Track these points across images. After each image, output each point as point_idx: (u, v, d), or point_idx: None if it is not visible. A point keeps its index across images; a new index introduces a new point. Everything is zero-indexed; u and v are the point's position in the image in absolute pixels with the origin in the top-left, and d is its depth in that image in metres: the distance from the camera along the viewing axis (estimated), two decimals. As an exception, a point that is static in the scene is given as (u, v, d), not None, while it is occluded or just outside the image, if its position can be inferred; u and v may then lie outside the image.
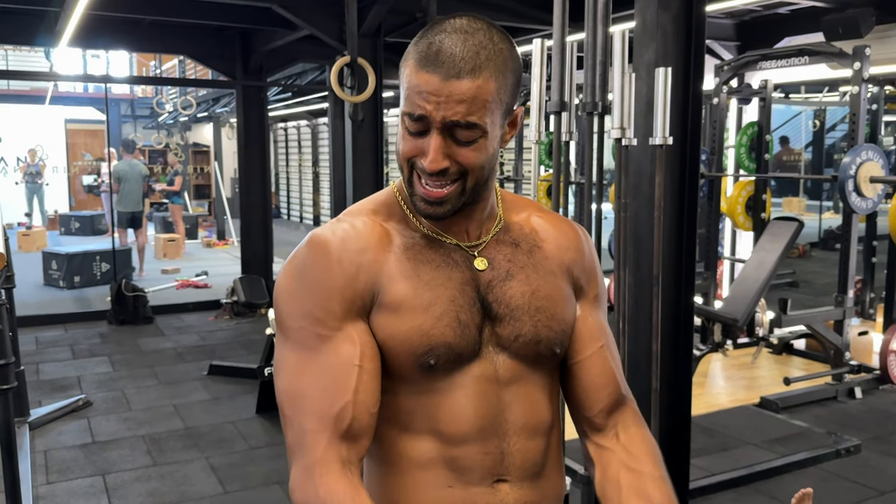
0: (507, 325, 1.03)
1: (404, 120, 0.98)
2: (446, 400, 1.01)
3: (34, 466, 3.69)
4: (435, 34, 0.96)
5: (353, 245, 1.01)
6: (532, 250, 1.08)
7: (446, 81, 0.93)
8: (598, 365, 1.10)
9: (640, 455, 1.08)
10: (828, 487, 3.49)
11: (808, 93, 10.43)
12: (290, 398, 0.99)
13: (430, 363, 0.99)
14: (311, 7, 5.07)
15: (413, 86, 0.96)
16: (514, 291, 1.04)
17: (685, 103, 2.79)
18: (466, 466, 1.02)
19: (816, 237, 10.95)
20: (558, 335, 1.06)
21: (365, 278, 1.00)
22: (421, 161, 0.97)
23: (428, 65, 0.94)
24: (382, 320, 1.00)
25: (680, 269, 2.87)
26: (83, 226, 13.40)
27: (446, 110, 0.94)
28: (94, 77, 11.25)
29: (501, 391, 1.03)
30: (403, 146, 0.99)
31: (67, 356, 5.75)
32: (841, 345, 4.76)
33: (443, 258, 1.03)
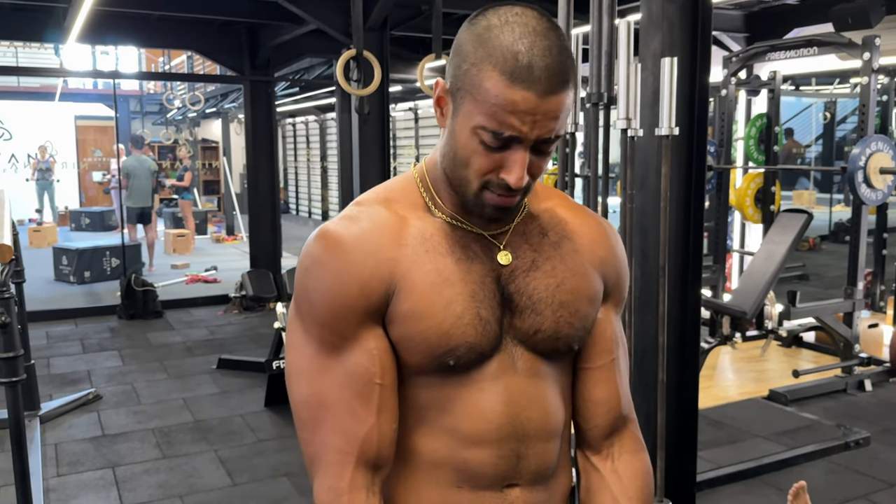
0: (528, 318, 0.99)
1: (480, 134, 0.91)
2: (463, 394, 0.98)
3: (45, 459, 3.72)
4: (515, 39, 0.88)
5: (367, 245, 0.96)
6: (560, 241, 1.04)
7: (542, 99, 0.88)
8: (605, 380, 1.08)
9: (629, 492, 1.07)
10: (837, 480, 3.48)
11: (819, 85, 10.37)
12: (310, 409, 0.98)
13: (450, 363, 0.96)
14: (317, 1, 5.07)
15: (502, 104, 0.88)
16: (538, 283, 1.00)
17: (692, 94, 2.77)
18: (478, 471, 0.99)
19: (827, 230, 10.90)
20: (578, 332, 1.03)
21: (379, 281, 0.95)
22: (501, 176, 0.92)
23: (520, 82, 0.87)
24: (399, 320, 0.96)
25: (687, 261, 2.85)
26: (93, 222, 13.47)
27: (541, 129, 0.90)
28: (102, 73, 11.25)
29: (519, 387, 1.00)
30: (478, 162, 0.93)
31: (78, 350, 5.78)
32: (851, 337, 4.73)
33: (462, 250, 0.98)
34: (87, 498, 3.34)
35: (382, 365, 0.96)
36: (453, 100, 0.94)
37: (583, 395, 1.09)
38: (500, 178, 0.93)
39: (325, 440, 0.96)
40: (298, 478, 3.50)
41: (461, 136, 0.93)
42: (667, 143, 2.48)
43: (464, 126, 0.93)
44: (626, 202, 2.53)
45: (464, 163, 0.94)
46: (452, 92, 0.94)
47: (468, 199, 0.97)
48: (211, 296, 7.55)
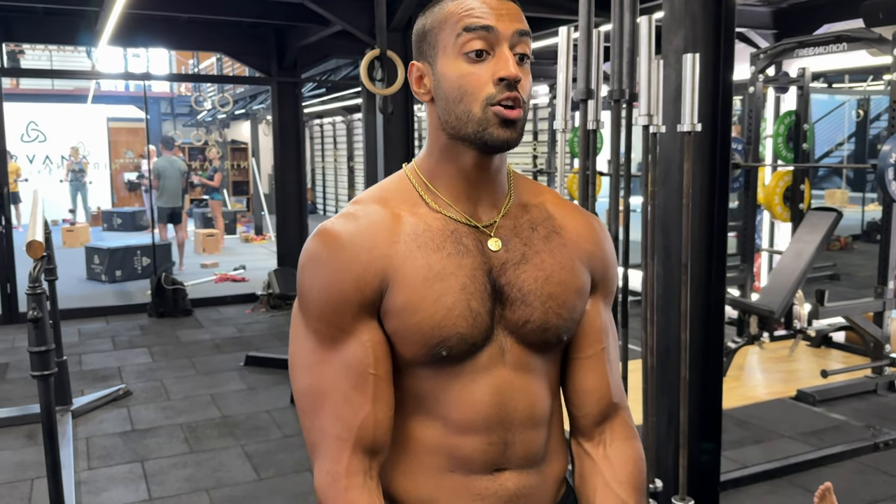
0: (518, 310, 1.03)
1: (462, 48, 0.98)
2: (455, 385, 1.02)
3: (76, 453, 3.80)
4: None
5: (362, 242, 1.00)
6: (550, 236, 1.08)
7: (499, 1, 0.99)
8: (595, 369, 1.12)
9: (620, 477, 1.11)
10: (865, 481, 3.44)
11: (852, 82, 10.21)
12: (310, 398, 1.02)
13: (443, 354, 0.99)
14: (342, 2, 5.11)
15: (466, 12, 0.98)
16: (528, 276, 1.04)
17: (715, 90, 2.76)
18: (468, 456, 1.03)
19: (859, 229, 10.74)
20: (567, 323, 1.06)
21: (373, 276, 0.99)
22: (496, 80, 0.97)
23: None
24: (392, 313, 1.00)
25: (710, 258, 2.84)
26: (125, 222, 13.69)
27: (510, 22, 0.99)
28: (134, 75, 11.44)
29: (509, 378, 1.03)
30: (473, 80, 0.98)
31: (109, 347, 5.89)
32: (881, 337, 4.66)
33: (454, 245, 1.02)
34: (117, 491, 3.41)
35: (376, 356, 1.00)
36: (430, 62, 1.03)
37: (574, 384, 1.12)
38: (496, 81, 0.98)
39: (324, 427, 1.00)
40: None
41: (449, 74, 1.00)
42: (689, 140, 2.47)
43: (447, 64, 1.00)
44: (648, 199, 2.52)
45: (460, 93, 0.99)
46: (425, 57, 1.03)
47: (475, 129, 0.99)
48: (239, 294, 7.64)
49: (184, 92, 17.33)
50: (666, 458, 2.75)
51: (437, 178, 1.05)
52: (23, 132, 14.95)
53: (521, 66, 1.00)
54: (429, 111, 1.05)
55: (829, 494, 2.33)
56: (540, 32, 6.22)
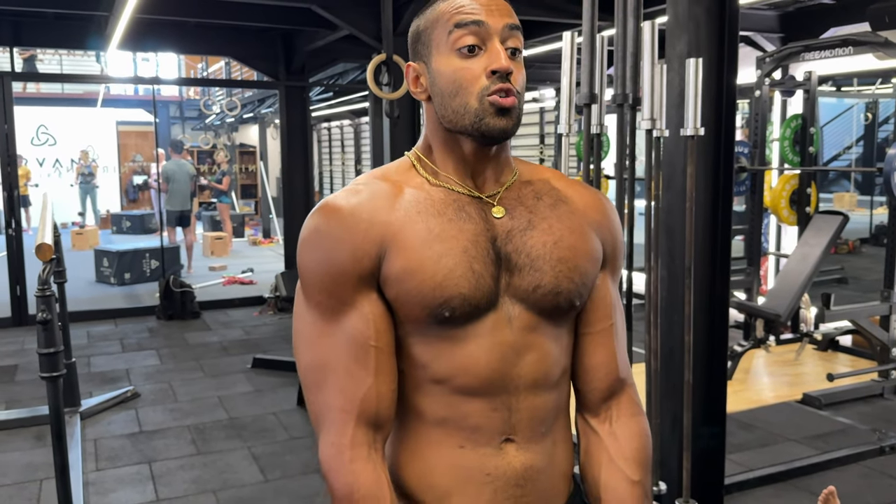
0: (527, 276, 1.03)
1: (455, 44, 1.01)
2: (459, 350, 1.02)
3: (84, 454, 3.83)
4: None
5: (361, 212, 1.01)
6: (556, 204, 1.09)
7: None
8: (603, 344, 1.12)
9: (625, 452, 1.12)
10: (870, 484, 3.43)
11: (861, 85, 10.18)
12: (313, 372, 1.03)
13: (445, 315, 0.99)
14: (349, 7, 5.15)
15: (457, 9, 1.01)
16: (536, 241, 1.04)
17: (718, 95, 2.77)
18: (476, 424, 1.03)
19: (867, 232, 10.70)
20: (578, 287, 1.06)
21: (370, 244, 1.00)
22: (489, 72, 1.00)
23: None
24: (392, 279, 1.00)
25: (714, 262, 2.85)
26: (134, 225, 13.76)
27: (500, 16, 1.01)
28: (143, 79, 11.55)
29: (515, 343, 1.03)
30: (467, 74, 1.01)
31: (117, 349, 5.93)
32: (887, 341, 4.65)
33: (455, 212, 1.03)
34: (125, 491, 3.43)
35: (377, 328, 1.01)
36: (425, 62, 1.05)
37: (582, 359, 1.13)
38: (489, 74, 1.00)
39: (327, 400, 1.01)
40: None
41: (444, 70, 1.03)
42: (692, 144, 2.48)
43: (441, 61, 1.03)
44: (651, 202, 2.54)
45: (455, 87, 1.02)
46: (420, 57, 1.06)
47: (472, 120, 1.01)
48: (247, 297, 7.68)
49: (192, 96, 17.43)
50: (670, 461, 2.76)
51: (438, 161, 1.07)
52: (33, 135, 15.05)
53: (514, 60, 1.02)
54: (426, 109, 1.08)
55: (833, 498, 2.33)
56: (545, 37, 6.24)
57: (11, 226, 6.53)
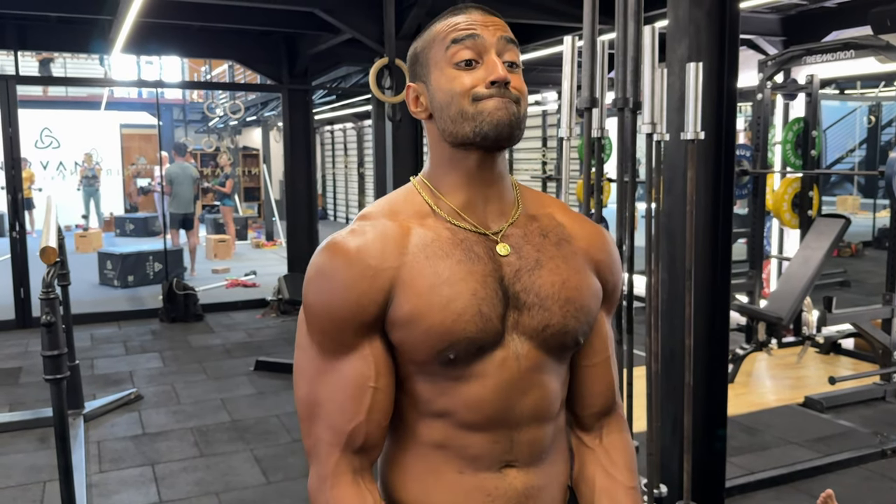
0: (537, 315, 1.03)
1: (453, 59, 1.02)
2: (464, 389, 1.02)
3: (88, 456, 3.84)
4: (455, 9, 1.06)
5: (369, 258, 1.00)
6: (560, 243, 1.09)
7: (485, 15, 1.05)
8: (601, 375, 1.18)
9: (618, 462, 1.18)
10: (871, 487, 3.44)
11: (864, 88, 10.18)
12: (307, 406, 1.05)
13: (451, 357, 1.00)
14: (352, 11, 5.16)
15: (453, 26, 1.03)
16: (544, 281, 1.04)
17: (719, 99, 2.78)
18: (476, 454, 1.04)
19: (870, 235, 10.69)
20: (584, 326, 1.08)
21: (377, 291, 1.00)
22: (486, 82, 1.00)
23: (461, 12, 1.04)
24: (399, 324, 1.00)
25: (715, 265, 2.86)
26: (137, 227, 13.80)
27: (495, 30, 1.04)
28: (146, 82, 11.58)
29: (520, 381, 1.04)
30: (463, 83, 1.01)
31: (120, 352, 5.95)
32: (889, 344, 4.65)
33: (464, 252, 1.02)
34: (128, 493, 3.45)
35: (378, 370, 1.02)
36: (424, 81, 1.07)
37: (581, 388, 1.18)
38: (488, 85, 1.01)
39: (318, 434, 1.04)
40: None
41: (442, 85, 1.04)
42: (692, 148, 2.49)
43: (439, 77, 1.04)
44: (652, 205, 2.55)
45: (451, 96, 1.03)
46: (419, 77, 1.08)
47: (471, 124, 1.01)
48: (250, 300, 7.70)
49: (196, 99, 17.47)
50: (671, 464, 2.77)
51: (444, 186, 1.06)
52: (37, 139, 15.09)
53: (512, 72, 1.03)
54: (428, 129, 1.08)
55: (831, 501, 2.34)
56: (547, 40, 6.25)
57: (16, 228, 6.55)
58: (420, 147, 5.11)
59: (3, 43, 6.65)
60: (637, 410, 2.65)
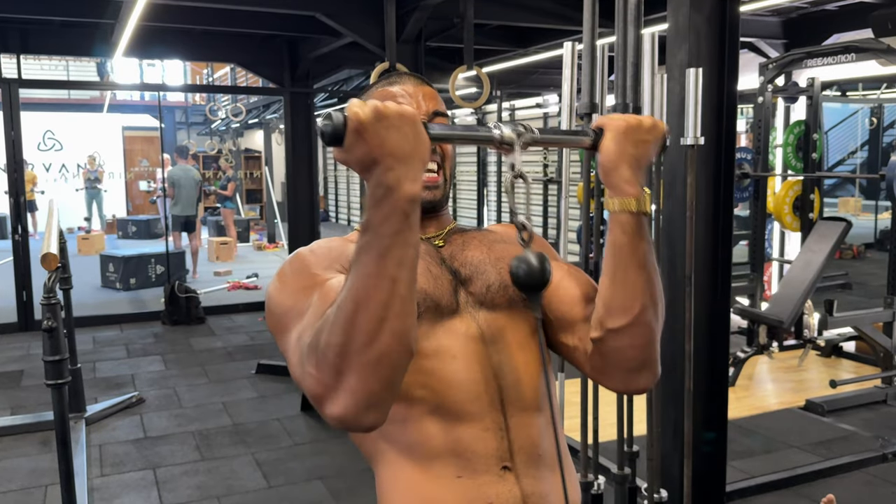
0: (476, 281, 1.13)
1: None
2: (438, 365, 1.05)
3: (89, 460, 3.85)
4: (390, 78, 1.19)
5: (331, 248, 1.11)
6: (483, 236, 1.22)
7: (417, 86, 1.16)
8: (572, 281, 1.16)
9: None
10: (873, 492, 3.43)
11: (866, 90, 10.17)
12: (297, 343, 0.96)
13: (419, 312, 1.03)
14: (353, 14, 5.17)
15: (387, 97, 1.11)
16: (473, 254, 1.16)
17: (719, 103, 2.78)
18: (471, 450, 1.04)
19: (872, 238, 10.69)
20: None
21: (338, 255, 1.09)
22: None
23: (395, 84, 1.16)
24: None
25: (715, 270, 2.86)
26: (139, 230, 13.82)
27: (427, 105, 1.14)
28: (149, 85, 11.59)
29: (489, 351, 1.08)
30: None
31: (122, 355, 5.96)
32: (890, 347, 4.65)
33: None
34: (129, 497, 3.46)
35: None
36: None
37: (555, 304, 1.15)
38: None
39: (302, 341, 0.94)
40: (332, 481, 3.58)
41: None
42: (692, 153, 2.49)
43: None
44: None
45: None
46: None
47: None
48: (252, 302, 7.70)
49: (198, 101, 17.49)
50: (671, 469, 2.77)
51: None
52: (39, 141, 15.12)
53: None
54: None
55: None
56: (547, 43, 6.26)
57: (18, 231, 6.57)
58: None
59: (6, 47, 6.66)
60: (637, 415, 2.66)
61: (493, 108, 10.66)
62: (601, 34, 2.56)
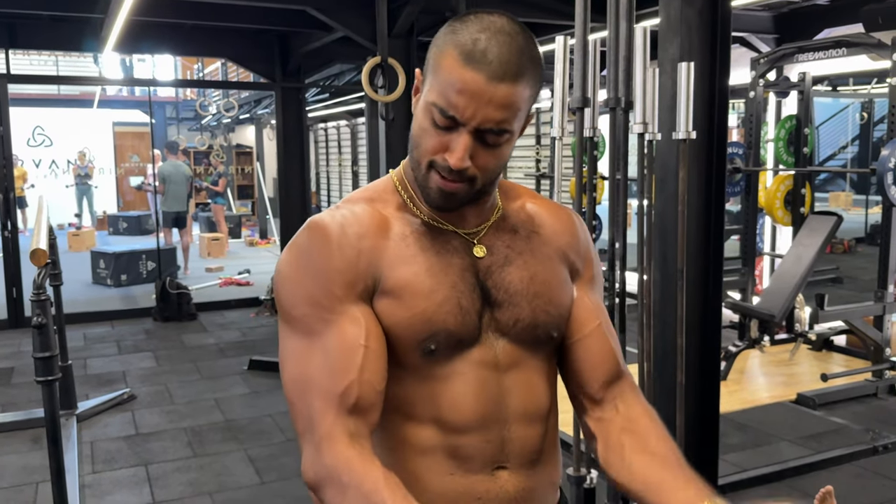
0: (506, 311, 1.05)
1: (431, 111, 0.96)
2: (447, 387, 1.02)
3: (81, 456, 3.83)
4: (479, 31, 0.94)
5: (353, 230, 1.01)
6: (530, 236, 1.10)
7: (489, 83, 0.93)
8: (596, 342, 1.12)
9: (639, 418, 1.10)
10: (864, 484, 3.45)
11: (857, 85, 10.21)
12: (295, 384, 0.98)
13: (431, 348, 1.00)
14: (344, 9, 5.15)
15: (453, 81, 0.94)
16: (513, 277, 1.06)
17: (711, 98, 2.79)
18: (468, 454, 1.03)
19: (863, 232, 10.73)
20: (555, 319, 1.08)
21: (366, 263, 1.00)
22: (444, 157, 0.97)
23: (472, 62, 0.93)
24: (385, 307, 1.00)
25: (707, 264, 2.86)
26: (130, 226, 13.76)
27: (483, 116, 0.94)
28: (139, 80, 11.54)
29: (501, 377, 1.04)
30: (427, 141, 0.98)
31: (114, 352, 5.93)
32: (881, 341, 4.67)
33: (442, 244, 1.04)
34: (121, 494, 3.44)
35: (368, 329, 0.98)
36: (423, 84, 1.01)
37: (579, 362, 1.12)
38: (443, 160, 0.97)
39: (309, 405, 0.96)
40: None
41: (418, 115, 1.00)
42: (684, 147, 2.50)
43: (422, 109, 0.99)
44: (644, 205, 2.55)
45: (416, 142, 1.01)
46: (424, 76, 1.01)
47: (419, 182, 1.02)
48: (244, 298, 7.68)
49: (189, 97, 17.41)
50: (663, 462, 2.77)
51: (419, 191, 1.05)
52: (29, 137, 15.03)
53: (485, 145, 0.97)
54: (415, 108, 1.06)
55: (830, 498, 2.35)
56: (539, 38, 6.24)
57: (7, 227, 6.53)
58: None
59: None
60: (630, 409, 2.66)
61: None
62: (593, 29, 2.56)
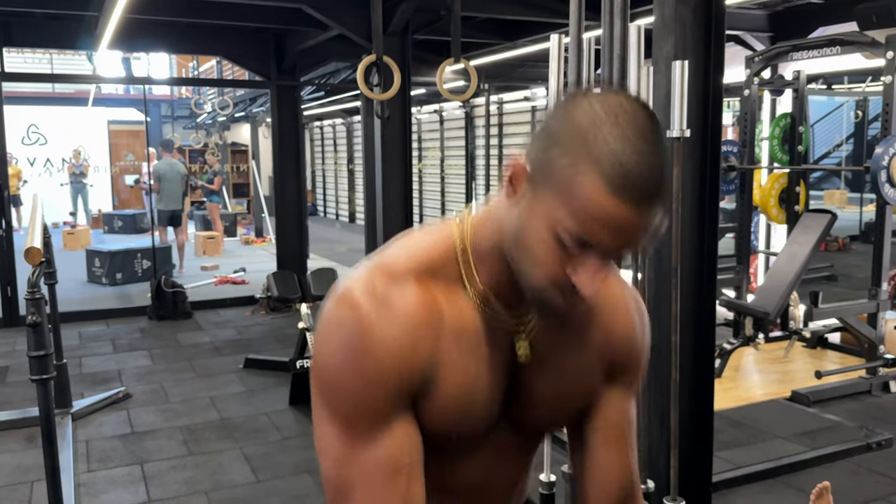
0: (526, 412, 1.03)
1: (558, 230, 0.84)
2: (448, 463, 1.03)
3: (76, 455, 3.83)
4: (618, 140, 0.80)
5: (400, 330, 0.91)
6: (579, 327, 1.02)
7: (639, 214, 0.81)
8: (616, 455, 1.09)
9: None
10: (858, 481, 3.47)
11: (851, 83, 10.24)
12: (337, 488, 0.95)
13: (452, 439, 0.99)
14: (340, 7, 5.15)
15: (595, 212, 0.81)
16: (544, 380, 1.01)
17: (705, 96, 2.79)
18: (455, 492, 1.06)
19: (857, 230, 10.77)
20: (573, 418, 1.09)
21: (418, 373, 0.93)
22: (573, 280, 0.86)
23: (619, 191, 0.80)
24: (427, 408, 0.95)
25: (701, 262, 2.87)
26: (125, 224, 13.73)
27: (628, 242, 0.84)
28: (134, 79, 11.50)
29: (499, 459, 1.07)
30: (547, 255, 0.86)
31: (109, 350, 5.92)
32: (875, 338, 4.69)
33: (489, 336, 0.97)
34: (116, 493, 3.44)
35: (412, 457, 0.94)
36: (533, 185, 0.86)
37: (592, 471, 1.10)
38: (567, 279, 0.86)
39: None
40: (320, 475, 3.57)
41: (535, 228, 0.86)
42: (678, 145, 2.50)
43: (542, 219, 0.85)
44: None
45: (531, 257, 0.88)
46: (534, 177, 0.86)
47: (527, 290, 0.91)
48: (239, 297, 7.68)
49: (184, 95, 17.37)
50: (658, 459, 2.78)
51: (481, 263, 0.96)
52: (23, 135, 14.99)
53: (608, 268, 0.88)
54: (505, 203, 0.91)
55: (826, 493, 2.36)
56: (535, 36, 6.26)
57: (1, 226, 6.51)
58: (409, 143, 5.10)
59: (-11, 39, 6.60)
60: (624, 407, 2.67)
61: (480, 101, 10.66)
62: (588, 27, 2.56)
